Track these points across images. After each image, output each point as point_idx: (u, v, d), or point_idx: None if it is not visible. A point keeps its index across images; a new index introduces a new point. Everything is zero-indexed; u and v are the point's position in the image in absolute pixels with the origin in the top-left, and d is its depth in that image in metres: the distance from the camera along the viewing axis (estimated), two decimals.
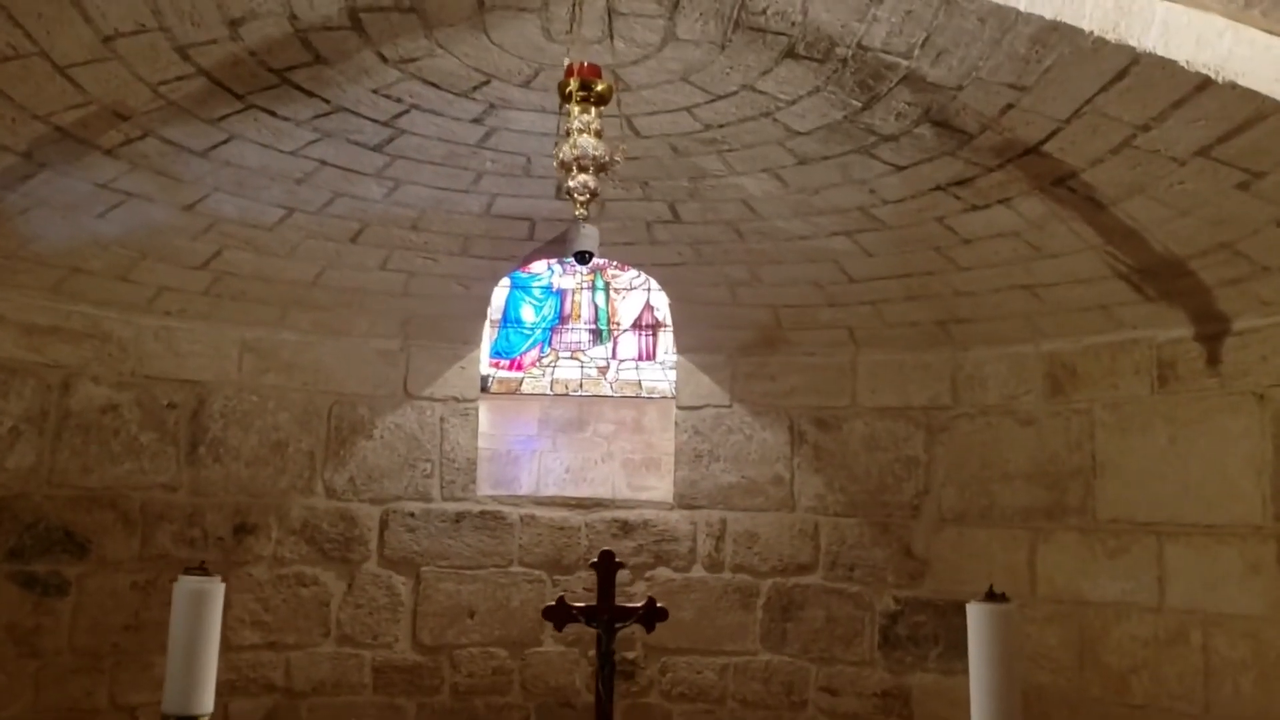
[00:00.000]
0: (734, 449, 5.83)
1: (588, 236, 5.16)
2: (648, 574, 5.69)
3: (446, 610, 5.61)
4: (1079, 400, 4.97)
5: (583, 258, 5.22)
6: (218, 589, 2.71)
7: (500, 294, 6.45)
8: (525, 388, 6.54)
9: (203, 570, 2.85)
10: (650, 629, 3.22)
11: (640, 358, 6.61)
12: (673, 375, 6.18)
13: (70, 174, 4.07)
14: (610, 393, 6.44)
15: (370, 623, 5.53)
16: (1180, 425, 4.57)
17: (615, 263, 6.38)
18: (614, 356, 6.59)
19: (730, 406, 5.87)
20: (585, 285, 6.76)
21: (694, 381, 5.96)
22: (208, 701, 2.38)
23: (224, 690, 5.08)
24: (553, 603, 3.26)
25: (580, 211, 3.01)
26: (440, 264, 5.34)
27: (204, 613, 2.46)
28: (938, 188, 4.26)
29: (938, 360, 5.47)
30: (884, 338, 5.52)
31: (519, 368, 6.62)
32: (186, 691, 2.31)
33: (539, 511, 5.85)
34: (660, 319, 6.56)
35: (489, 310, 5.97)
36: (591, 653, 5.55)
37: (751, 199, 4.65)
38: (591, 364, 6.61)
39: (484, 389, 6.21)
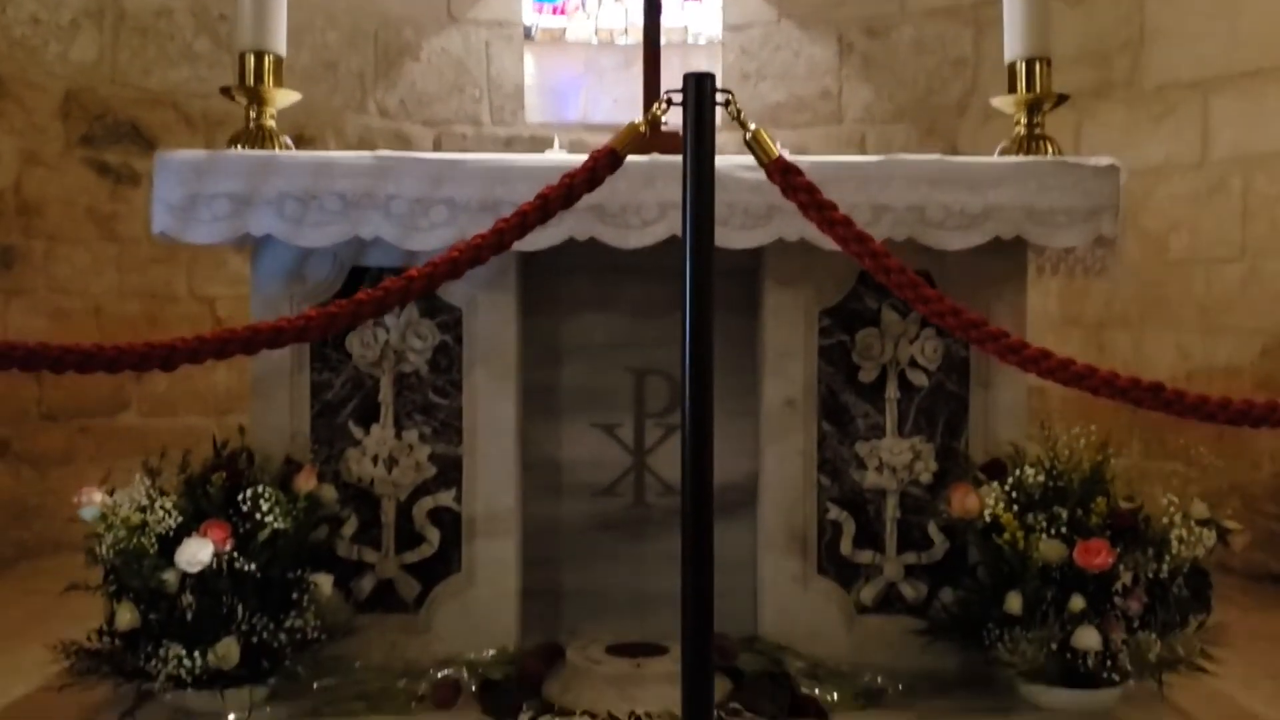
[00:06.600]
0: (781, 66, 5.83)
1: None
2: None
3: None
4: None
5: None
6: None
7: None
8: (569, 35, 6.51)
9: None
10: None
11: None
12: (719, 19, 6.09)
13: None
14: None
15: None
16: None
17: None
18: None
19: (778, 22, 5.84)
20: None
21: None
22: (279, 43, 2.51)
23: None
24: None
25: None
26: None
27: None
28: None
29: None
30: None
31: (562, 12, 6.56)
32: (259, 27, 2.44)
33: (588, 137, 5.91)
34: None
35: None
36: None
37: None
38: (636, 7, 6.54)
39: (528, 38, 6.20)
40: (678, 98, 1.87)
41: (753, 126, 1.97)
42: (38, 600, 3.80)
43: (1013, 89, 2.53)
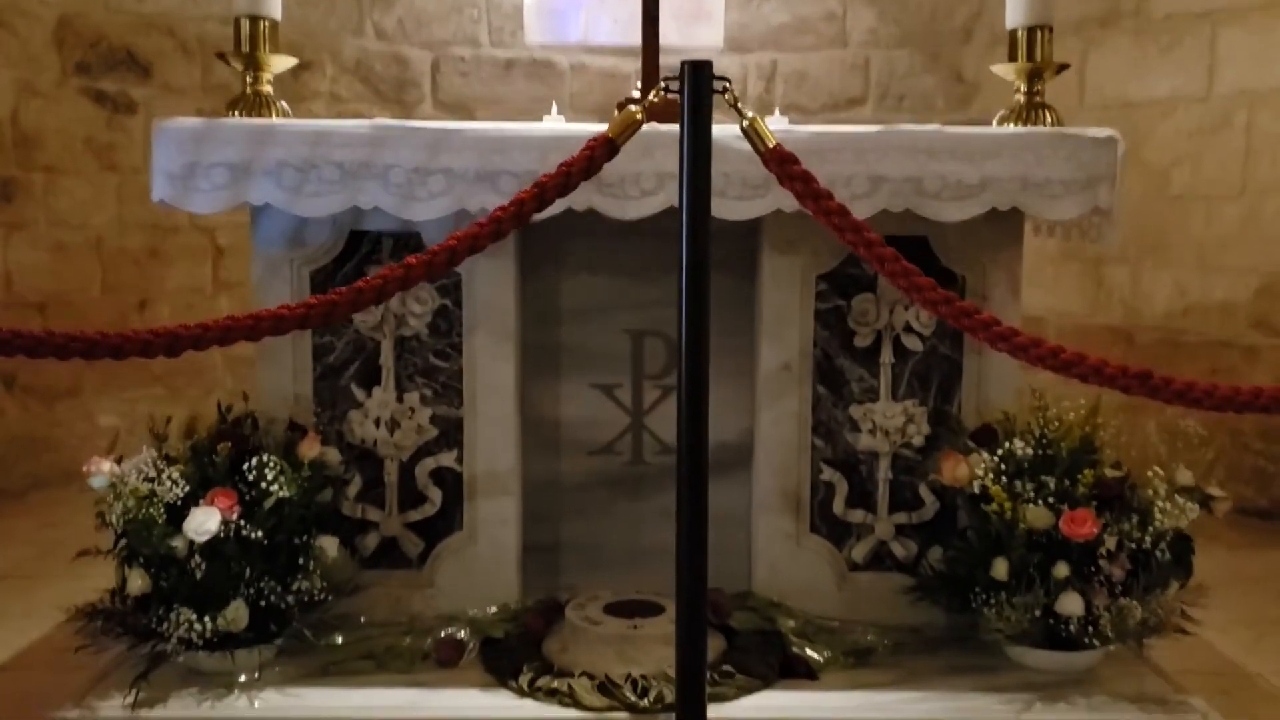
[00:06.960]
0: None
1: None
2: None
3: None
4: None
5: None
6: None
7: None
8: None
9: None
10: None
11: None
12: None
13: None
14: None
15: None
16: None
17: None
18: None
19: None
20: None
21: None
22: (274, 7, 2.49)
23: None
24: None
25: None
26: None
27: None
28: None
29: None
30: None
31: None
32: None
33: (589, 59, 5.86)
34: None
35: None
36: None
37: None
38: None
39: None
40: (675, 84, 1.87)
41: (749, 115, 1.97)
42: (51, 534, 3.90)
43: (1013, 57, 2.51)
